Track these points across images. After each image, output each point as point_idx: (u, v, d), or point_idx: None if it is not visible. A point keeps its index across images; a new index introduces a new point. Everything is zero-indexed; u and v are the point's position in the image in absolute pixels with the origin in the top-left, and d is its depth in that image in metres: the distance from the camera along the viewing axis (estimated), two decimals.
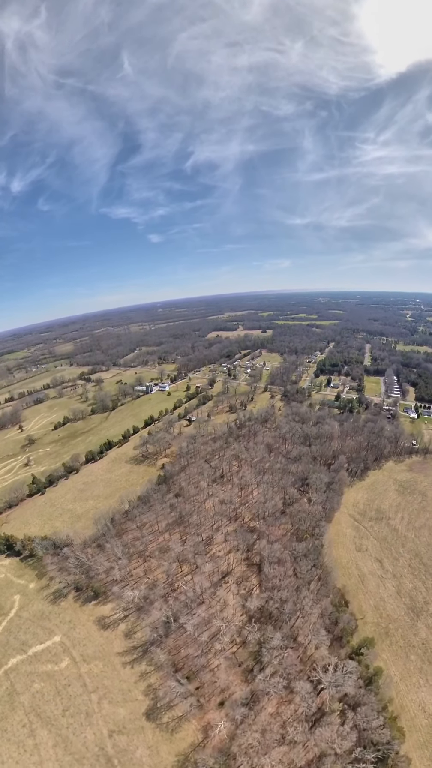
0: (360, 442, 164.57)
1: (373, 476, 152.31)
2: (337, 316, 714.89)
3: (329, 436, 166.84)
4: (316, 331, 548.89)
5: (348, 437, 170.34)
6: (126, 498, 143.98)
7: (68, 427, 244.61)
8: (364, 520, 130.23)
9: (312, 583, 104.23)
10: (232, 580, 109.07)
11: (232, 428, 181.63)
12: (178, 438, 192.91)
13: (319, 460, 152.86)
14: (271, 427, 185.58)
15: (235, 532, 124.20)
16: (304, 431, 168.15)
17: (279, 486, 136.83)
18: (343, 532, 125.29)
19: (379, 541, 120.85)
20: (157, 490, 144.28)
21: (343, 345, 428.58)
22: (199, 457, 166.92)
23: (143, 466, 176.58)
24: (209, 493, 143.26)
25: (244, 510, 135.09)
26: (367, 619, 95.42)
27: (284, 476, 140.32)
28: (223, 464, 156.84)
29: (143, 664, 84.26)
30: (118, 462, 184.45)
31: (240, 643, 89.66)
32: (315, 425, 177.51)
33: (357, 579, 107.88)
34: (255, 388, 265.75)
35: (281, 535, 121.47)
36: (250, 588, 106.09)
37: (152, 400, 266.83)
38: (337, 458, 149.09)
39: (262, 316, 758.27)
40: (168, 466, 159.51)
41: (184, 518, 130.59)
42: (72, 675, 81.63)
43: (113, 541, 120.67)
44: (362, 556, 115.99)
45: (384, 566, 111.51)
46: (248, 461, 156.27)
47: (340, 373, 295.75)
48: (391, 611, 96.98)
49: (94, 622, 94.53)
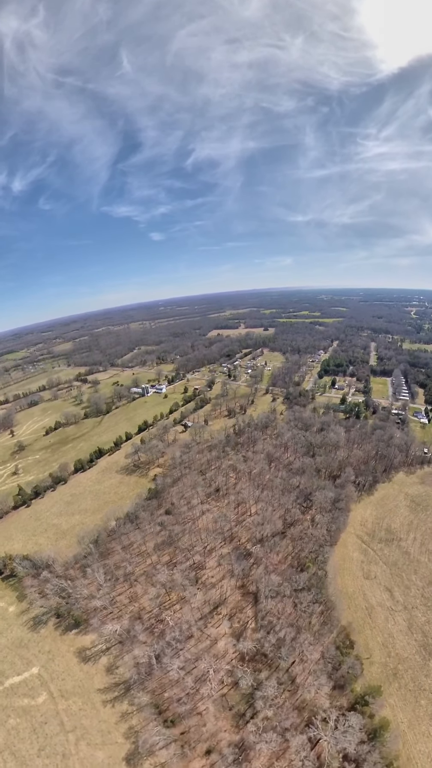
0: (368, 452, 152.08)
1: (382, 490, 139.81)
2: (340, 313, 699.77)
3: (335, 444, 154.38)
4: (319, 329, 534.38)
5: (355, 446, 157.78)
6: (113, 514, 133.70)
7: (60, 432, 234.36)
8: (373, 541, 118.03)
9: (314, 617, 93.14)
10: (225, 611, 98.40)
11: (229, 436, 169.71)
12: (172, 446, 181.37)
13: (323, 472, 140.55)
14: (272, 434, 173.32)
15: (230, 555, 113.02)
16: (308, 439, 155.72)
17: (279, 503, 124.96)
18: (350, 557, 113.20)
19: (390, 567, 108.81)
20: (146, 507, 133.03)
21: (348, 343, 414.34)
22: (194, 468, 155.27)
23: (134, 476, 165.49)
24: (203, 509, 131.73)
25: (240, 529, 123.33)
26: (374, 659, 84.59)
27: (285, 492, 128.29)
28: (219, 477, 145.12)
29: (125, 704, 77.29)
30: (108, 472, 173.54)
31: (231, 683, 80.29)
32: (319, 432, 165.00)
33: (364, 612, 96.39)
34: (256, 390, 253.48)
35: (280, 561, 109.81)
36: (245, 621, 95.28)
37: (148, 403, 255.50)
38: (344, 471, 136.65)
39: (264, 314, 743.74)
40: (160, 478, 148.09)
41: (175, 539, 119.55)
42: (49, 712, 75.60)
43: (95, 565, 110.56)
44: (370, 584, 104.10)
45: (394, 596, 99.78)
46: (246, 473, 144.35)
47: (345, 373, 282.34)
48: (400, 649, 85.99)
49: (75, 654, 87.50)
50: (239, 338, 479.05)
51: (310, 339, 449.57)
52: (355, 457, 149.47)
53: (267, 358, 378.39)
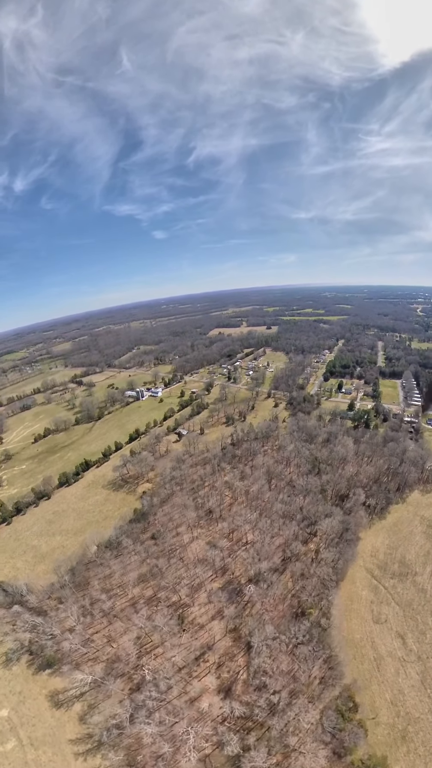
0: (380, 467, 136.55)
1: (395, 512, 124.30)
2: (344, 311, 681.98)
3: (342, 459, 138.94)
4: (323, 327, 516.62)
5: (365, 460, 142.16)
6: (94, 538, 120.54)
7: (49, 439, 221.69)
8: (385, 576, 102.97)
9: (314, 670, 79.65)
10: (213, 659, 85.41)
11: (226, 448, 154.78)
12: (164, 457, 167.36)
13: (330, 492, 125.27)
14: (273, 446, 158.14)
15: (221, 591, 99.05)
16: (313, 454, 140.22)
17: (279, 530, 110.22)
18: (358, 595, 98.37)
19: (403, 608, 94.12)
20: (130, 531, 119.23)
21: (354, 343, 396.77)
22: (185, 486, 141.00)
23: (121, 493, 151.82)
24: (193, 535, 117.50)
25: (234, 561, 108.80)
26: (381, 719, 72.24)
27: (286, 518, 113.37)
28: (212, 496, 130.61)
29: (98, 758, 69.65)
30: (95, 487, 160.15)
31: (215, 743, 69.61)
32: (325, 445, 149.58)
33: (371, 663, 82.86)
34: (257, 394, 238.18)
35: (278, 602, 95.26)
36: (235, 672, 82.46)
37: (142, 408, 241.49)
38: (353, 491, 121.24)
39: (267, 312, 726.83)
40: (147, 498, 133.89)
41: (160, 570, 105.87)
42: (17, 761, 69.06)
43: (70, 602, 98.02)
44: (380, 630, 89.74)
45: (407, 644, 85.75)
46: (243, 492, 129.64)
47: (352, 375, 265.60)
48: (411, 708, 73.37)
49: (47, 697, 79.79)
50: (241, 337, 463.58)
51: (314, 338, 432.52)
52: (365, 474, 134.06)
53: (269, 358, 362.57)
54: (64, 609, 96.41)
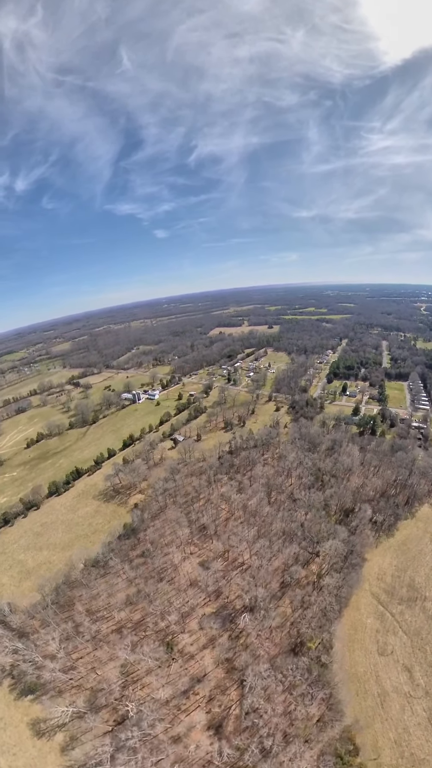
0: (387, 479, 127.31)
1: (404, 529, 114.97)
2: (347, 309, 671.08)
3: (348, 469, 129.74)
4: (326, 326, 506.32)
5: (372, 471, 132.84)
6: (81, 555, 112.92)
7: (42, 445, 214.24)
8: (392, 602, 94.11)
9: (312, 709, 71.62)
10: (204, 692, 77.74)
11: (223, 457, 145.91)
12: (158, 466, 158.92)
13: (334, 506, 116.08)
14: (274, 455, 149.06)
15: (214, 617, 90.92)
16: (316, 464, 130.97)
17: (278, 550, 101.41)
18: (362, 624, 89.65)
19: (411, 638, 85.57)
20: (119, 548, 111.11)
21: (358, 342, 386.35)
22: (179, 498, 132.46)
23: (112, 504, 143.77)
24: (186, 553, 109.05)
25: (229, 583, 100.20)
26: (383, 760, 65.11)
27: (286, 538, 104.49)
28: (207, 510, 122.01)
29: None
30: (85, 497, 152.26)
31: None
32: (329, 453, 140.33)
33: (375, 699, 74.97)
34: (257, 397, 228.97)
35: (275, 631, 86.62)
36: (227, 706, 75.02)
37: (138, 411, 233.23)
38: (359, 506, 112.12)
39: (268, 311, 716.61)
40: (137, 512, 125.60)
41: (149, 592, 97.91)
42: None
43: (53, 625, 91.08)
44: (385, 662, 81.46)
45: (414, 678, 77.63)
46: (240, 506, 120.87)
47: (357, 377, 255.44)
48: (416, 748, 66.01)
49: (28, 725, 74.88)
50: (242, 337, 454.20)
51: (317, 337, 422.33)
52: (371, 486, 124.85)
53: (271, 358, 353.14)
54: (46, 633, 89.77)
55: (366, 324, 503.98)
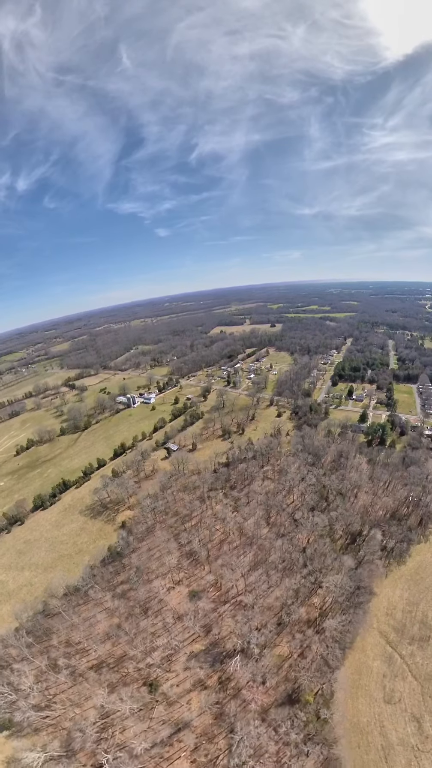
0: (398, 497, 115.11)
1: (417, 555, 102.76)
2: (351, 307, 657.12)
3: (355, 485, 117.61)
4: (330, 324, 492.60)
5: (381, 488, 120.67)
6: (63, 579, 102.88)
7: (32, 452, 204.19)
8: (402, 641, 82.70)
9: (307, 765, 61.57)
10: (190, 739, 68.48)
11: (219, 471, 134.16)
12: (150, 478, 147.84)
13: (340, 530, 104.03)
14: (274, 467, 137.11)
15: (203, 655, 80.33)
16: (320, 480, 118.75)
17: (276, 582, 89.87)
18: (368, 667, 78.38)
19: (421, 683, 75.09)
20: (101, 575, 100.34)
21: (363, 342, 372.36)
22: (169, 517, 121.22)
23: (99, 521, 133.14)
24: (174, 581, 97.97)
25: (221, 617, 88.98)
26: None
27: (285, 569, 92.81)
28: (199, 532, 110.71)
29: None
30: (71, 512, 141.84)
31: None
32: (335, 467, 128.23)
33: (378, 753, 65.09)
34: (258, 401, 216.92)
35: (269, 679, 75.21)
36: (214, 757, 65.47)
37: (133, 416, 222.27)
38: (368, 532, 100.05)
39: (271, 309, 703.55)
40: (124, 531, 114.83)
41: (133, 624, 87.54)
42: None
43: (29, 658, 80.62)
44: (392, 711, 71.19)
45: (423, 729, 67.44)
46: (235, 529, 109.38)
47: (363, 379, 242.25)
48: None
49: (4, 762, 68.68)
50: (243, 336, 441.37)
51: (320, 336, 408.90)
52: (381, 505, 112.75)
53: (273, 359, 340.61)
54: (22, 665, 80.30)
55: (371, 322, 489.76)
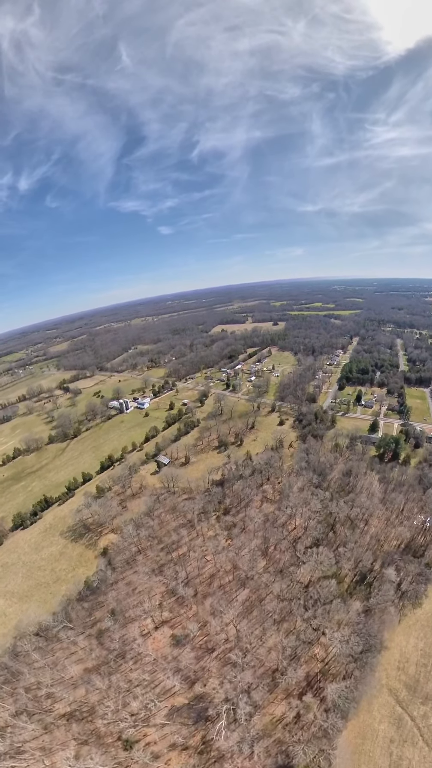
0: (414, 524, 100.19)
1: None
2: (356, 304, 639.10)
3: (365, 509, 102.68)
4: (335, 322, 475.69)
5: (395, 514, 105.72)
6: (37, 614, 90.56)
7: (18, 462, 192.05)
8: (414, 701, 68.74)
9: None
10: None
11: (212, 492, 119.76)
12: (137, 496, 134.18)
13: (347, 567, 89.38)
14: (275, 487, 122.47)
15: (187, 710, 67.06)
16: (326, 507, 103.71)
17: (272, 627, 75.66)
18: (374, 731, 64.53)
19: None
20: (77, 613, 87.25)
21: (370, 341, 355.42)
22: (155, 545, 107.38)
23: (80, 545, 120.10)
24: (157, 621, 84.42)
25: (208, 665, 75.27)
26: None
27: (284, 610, 78.56)
28: (188, 563, 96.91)
29: None
30: (52, 533, 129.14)
31: None
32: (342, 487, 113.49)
33: None
34: (258, 407, 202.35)
35: (258, 744, 61.39)
36: None
37: (125, 423, 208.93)
38: (380, 570, 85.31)
39: (274, 306, 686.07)
40: (104, 559, 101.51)
41: (110, 669, 74.43)
42: None
43: None
44: None
45: None
46: (228, 561, 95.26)
47: (372, 382, 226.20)
48: None
49: None
50: (245, 335, 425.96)
51: (325, 335, 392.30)
52: (395, 535, 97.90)
53: (275, 359, 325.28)
54: None
55: (377, 320, 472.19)
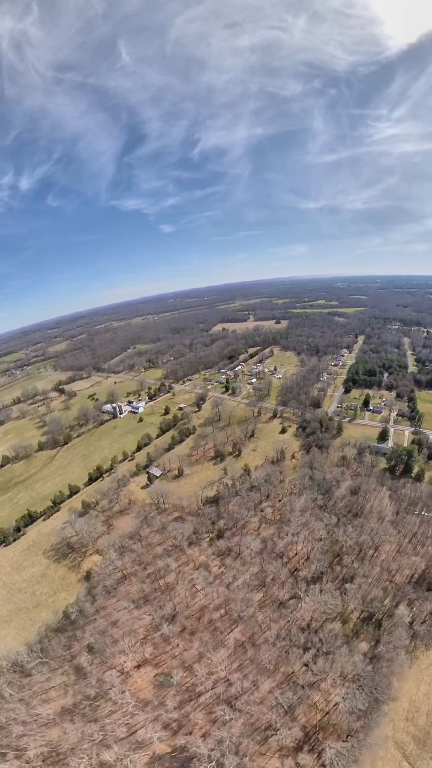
0: (429, 552, 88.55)
1: None
2: (360, 301, 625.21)
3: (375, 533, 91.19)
4: (339, 320, 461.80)
5: (408, 538, 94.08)
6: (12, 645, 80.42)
7: (6, 470, 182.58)
8: (423, 755, 58.66)
9: None
10: None
11: (204, 511, 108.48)
12: (125, 513, 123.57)
13: (354, 607, 77.98)
14: (275, 507, 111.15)
15: (170, 759, 56.46)
16: (332, 533, 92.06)
17: (266, 669, 64.63)
18: None
19: None
20: (54, 645, 77.05)
21: (376, 340, 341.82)
22: (140, 570, 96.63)
23: (62, 566, 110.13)
24: (140, 658, 73.86)
25: (194, 710, 64.60)
26: None
27: (281, 653, 67.48)
28: (176, 592, 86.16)
29: None
30: (35, 552, 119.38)
31: None
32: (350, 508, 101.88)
33: None
34: (259, 413, 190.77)
35: None
36: None
37: (117, 429, 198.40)
38: (389, 604, 73.96)
39: (276, 304, 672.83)
40: (87, 585, 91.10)
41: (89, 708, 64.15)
42: None
43: None
44: None
45: None
46: (219, 594, 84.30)
47: (380, 385, 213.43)
48: None
49: None
50: (246, 334, 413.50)
51: (329, 334, 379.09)
52: (408, 565, 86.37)
53: (277, 360, 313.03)
54: None
55: (382, 318, 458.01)
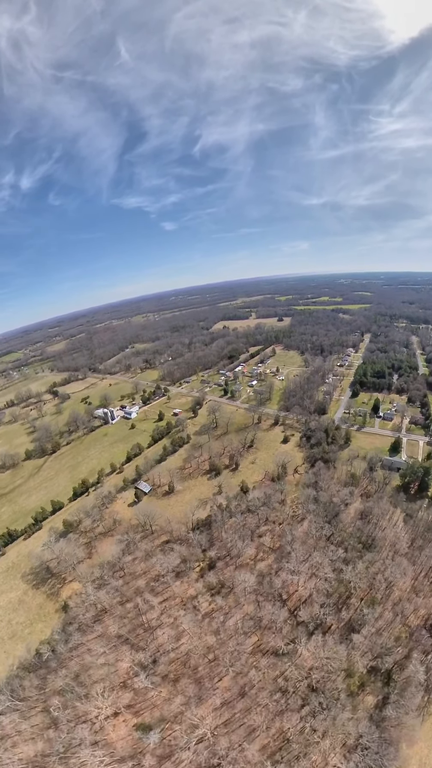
0: None
1: None
2: (364, 298, 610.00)
3: (387, 567, 78.31)
4: (344, 317, 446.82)
5: (424, 571, 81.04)
6: None
7: None
8: None
9: None
10: None
11: (194, 538, 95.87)
12: (109, 534, 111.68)
13: (361, 659, 65.30)
14: (273, 533, 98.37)
15: None
16: (338, 571, 78.83)
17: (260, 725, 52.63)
18: None
19: None
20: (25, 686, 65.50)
21: (383, 338, 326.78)
22: (122, 604, 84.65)
23: (41, 592, 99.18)
24: (118, 705, 62.14)
25: None
26: None
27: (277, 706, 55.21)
28: (160, 633, 74.07)
29: None
30: (13, 575, 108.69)
31: None
32: (359, 537, 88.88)
33: None
34: (259, 419, 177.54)
35: None
36: None
37: (108, 436, 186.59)
38: (400, 653, 61.30)
39: (278, 301, 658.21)
40: (64, 616, 79.41)
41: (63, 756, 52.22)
42: None
43: None
44: None
45: None
46: (208, 636, 72.07)
47: (390, 388, 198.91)
48: None
49: None
50: (247, 332, 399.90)
51: (334, 332, 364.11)
52: (423, 604, 73.54)
53: (280, 360, 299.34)
54: None
55: (388, 315, 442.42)
